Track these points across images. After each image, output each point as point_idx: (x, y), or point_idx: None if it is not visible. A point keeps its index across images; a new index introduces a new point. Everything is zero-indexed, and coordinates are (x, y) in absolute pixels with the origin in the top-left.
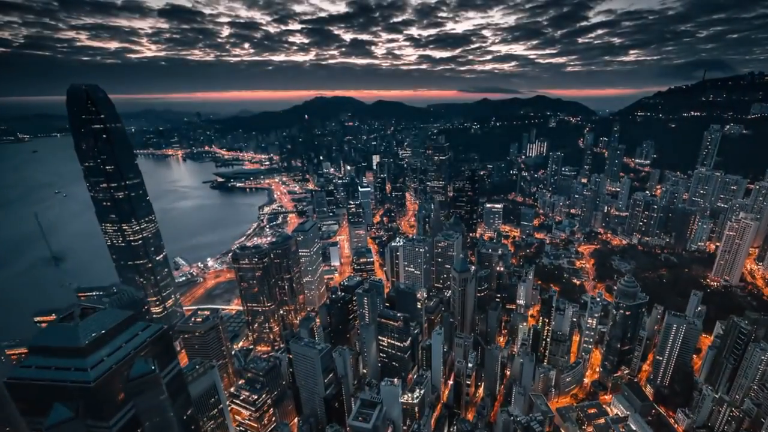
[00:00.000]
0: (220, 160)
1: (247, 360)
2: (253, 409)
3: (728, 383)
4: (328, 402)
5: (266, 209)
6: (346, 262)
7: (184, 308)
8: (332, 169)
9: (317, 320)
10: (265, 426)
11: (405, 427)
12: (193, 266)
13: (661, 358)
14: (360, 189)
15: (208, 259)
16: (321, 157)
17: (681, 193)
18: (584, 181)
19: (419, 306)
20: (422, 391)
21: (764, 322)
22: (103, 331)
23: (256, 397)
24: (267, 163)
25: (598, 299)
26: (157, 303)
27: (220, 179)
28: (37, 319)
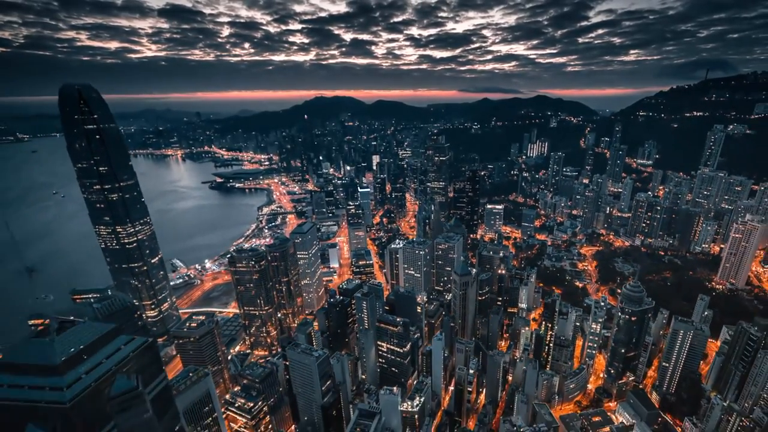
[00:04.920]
0: (220, 160)
1: (243, 365)
2: (249, 416)
3: (737, 391)
4: (325, 410)
5: (265, 210)
6: (345, 264)
7: (180, 311)
8: (332, 170)
9: (315, 325)
10: None
11: None
12: (191, 268)
13: (667, 365)
14: (359, 190)
15: (206, 260)
16: (320, 158)
17: (684, 194)
18: (586, 181)
19: (419, 310)
20: (422, 399)
21: None
22: (81, 347)
23: (251, 404)
24: (266, 163)
25: (603, 303)
26: (153, 306)
27: (219, 179)
28: (31, 322)
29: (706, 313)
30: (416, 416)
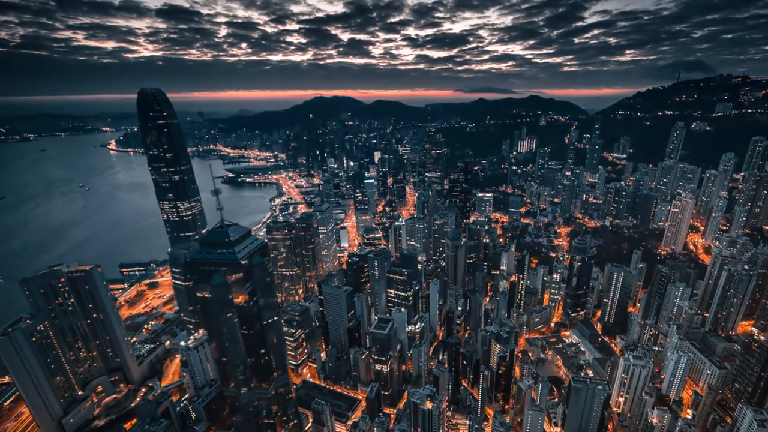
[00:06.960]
0: (227, 157)
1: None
2: (292, 339)
3: (656, 316)
4: (350, 331)
5: (277, 201)
6: (353, 245)
7: None
8: (335, 165)
9: (335, 281)
10: (299, 359)
11: (409, 353)
12: None
13: (607, 301)
14: (365, 180)
15: None
16: (325, 154)
17: (647, 181)
18: (568, 173)
19: (420, 267)
20: (422, 325)
21: (678, 267)
22: (238, 236)
23: (294, 331)
24: (272, 160)
25: (561, 259)
26: None
27: (230, 174)
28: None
29: (641, 265)
30: (417, 335)
